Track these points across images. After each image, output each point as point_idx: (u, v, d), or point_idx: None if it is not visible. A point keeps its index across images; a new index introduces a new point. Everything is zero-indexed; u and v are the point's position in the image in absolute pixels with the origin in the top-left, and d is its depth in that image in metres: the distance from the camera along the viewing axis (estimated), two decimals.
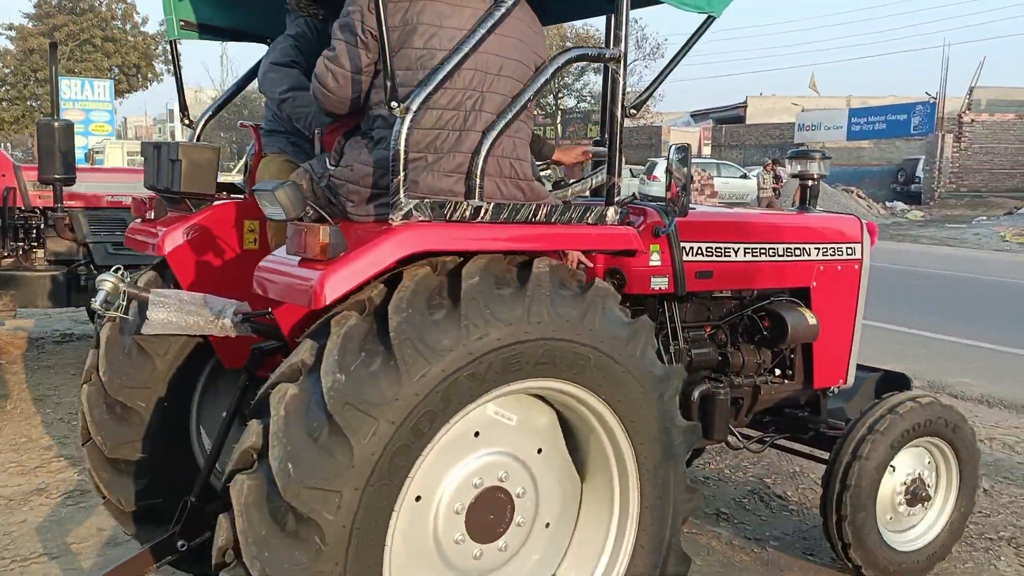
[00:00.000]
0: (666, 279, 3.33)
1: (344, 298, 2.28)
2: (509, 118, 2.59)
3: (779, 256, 3.77)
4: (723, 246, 3.55)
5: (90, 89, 32.08)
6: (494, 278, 2.37)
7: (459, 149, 2.57)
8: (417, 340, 2.19)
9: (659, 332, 3.41)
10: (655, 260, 3.31)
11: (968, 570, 4.02)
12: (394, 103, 2.38)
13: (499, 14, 2.52)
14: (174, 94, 4.16)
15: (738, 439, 3.84)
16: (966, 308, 11.68)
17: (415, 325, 2.21)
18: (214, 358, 3.43)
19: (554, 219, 2.66)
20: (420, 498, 2.46)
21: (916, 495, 3.76)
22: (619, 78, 2.77)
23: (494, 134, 2.55)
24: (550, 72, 2.71)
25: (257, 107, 34.42)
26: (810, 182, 4.25)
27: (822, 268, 3.94)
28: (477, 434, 2.57)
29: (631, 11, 2.93)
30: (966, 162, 33.03)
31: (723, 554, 4.06)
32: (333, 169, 2.73)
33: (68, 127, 6.65)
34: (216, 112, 3.92)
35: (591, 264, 3.18)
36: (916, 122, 34.27)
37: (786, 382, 3.94)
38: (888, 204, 31.83)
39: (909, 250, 18.93)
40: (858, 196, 29.96)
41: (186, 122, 3.73)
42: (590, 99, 43.99)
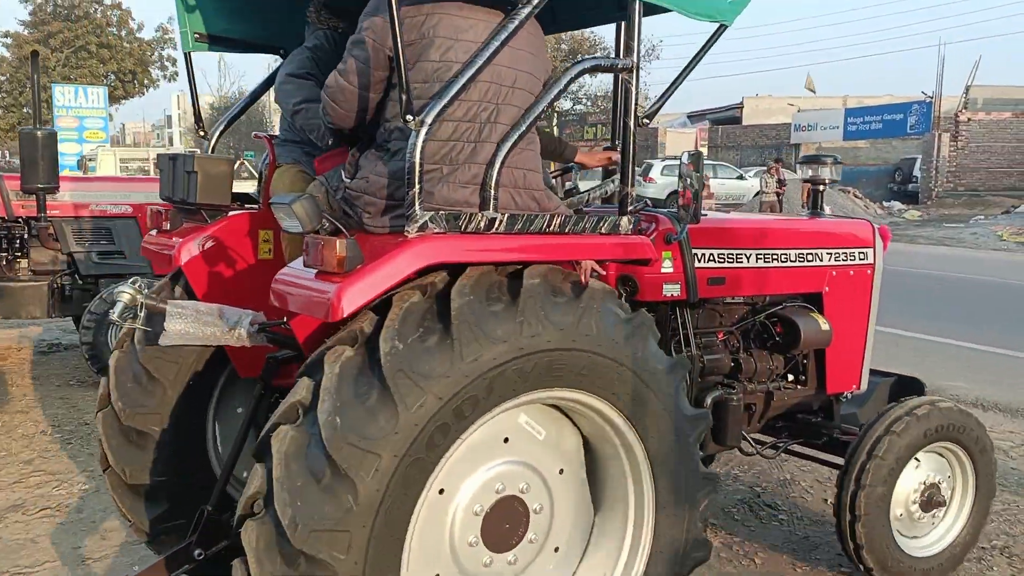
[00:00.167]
0: (678, 286, 3.32)
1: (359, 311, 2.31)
2: (523, 129, 2.60)
3: (791, 262, 3.75)
4: (735, 252, 3.54)
5: (84, 96, 31.93)
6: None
7: (474, 160, 2.58)
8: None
9: (672, 339, 3.42)
10: (667, 267, 3.31)
11: None
12: (409, 116, 2.40)
13: (512, 26, 2.53)
14: (171, 100, 4.19)
15: (751, 445, 3.84)
16: (963, 310, 11.60)
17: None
18: (229, 366, 3.46)
19: (568, 229, 2.67)
20: (443, 491, 2.51)
21: (931, 500, 3.75)
22: (631, 88, 2.78)
23: (508, 145, 2.57)
24: (564, 83, 2.72)
25: (259, 114, 34.36)
26: (821, 187, 4.25)
27: (834, 273, 3.92)
28: (507, 440, 2.64)
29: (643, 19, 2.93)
30: (963, 161, 33.06)
31: (710, 565, 3.93)
32: (349, 181, 2.74)
33: (51, 136, 6.60)
34: (230, 124, 3.93)
35: (604, 272, 3.19)
36: (912, 121, 34.25)
37: (799, 388, 3.93)
38: (885, 204, 31.85)
39: (906, 250, 18.85)
40: (855, 196, 29.95)
41: (201, 134, 3.75)
42: (586, 101, 43.92)
